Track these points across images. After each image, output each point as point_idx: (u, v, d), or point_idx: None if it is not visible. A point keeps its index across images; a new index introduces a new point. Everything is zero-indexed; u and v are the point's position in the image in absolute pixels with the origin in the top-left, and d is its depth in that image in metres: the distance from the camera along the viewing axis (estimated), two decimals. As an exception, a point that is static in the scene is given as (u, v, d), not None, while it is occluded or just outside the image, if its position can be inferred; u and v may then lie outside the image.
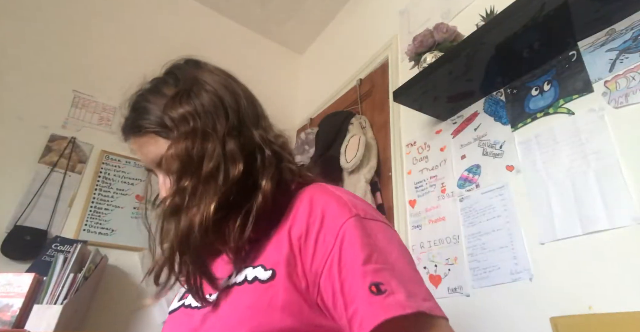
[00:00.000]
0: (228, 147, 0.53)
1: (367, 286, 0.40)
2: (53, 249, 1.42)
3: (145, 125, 0.57)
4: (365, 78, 1.88)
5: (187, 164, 0.52)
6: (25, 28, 1.73)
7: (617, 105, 0.87)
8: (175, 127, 0.54)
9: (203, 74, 0.60)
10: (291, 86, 2.60)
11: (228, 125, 0.55)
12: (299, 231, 0.48)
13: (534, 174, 1.00)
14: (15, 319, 1.14)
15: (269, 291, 0.46)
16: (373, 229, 0.47)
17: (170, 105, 0.56)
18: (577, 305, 0.82)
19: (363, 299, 0.40)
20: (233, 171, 0.52)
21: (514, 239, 0.99)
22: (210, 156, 0.52)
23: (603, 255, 0.81)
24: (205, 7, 2.37)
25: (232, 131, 0.55)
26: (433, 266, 1.19)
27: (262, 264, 0.49)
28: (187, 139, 0.53)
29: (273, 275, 0.47)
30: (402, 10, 1.76)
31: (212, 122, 0.54)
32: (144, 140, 0.58)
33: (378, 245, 0.45)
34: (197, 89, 0.57)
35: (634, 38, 0.88)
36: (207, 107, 0.55)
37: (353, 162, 1.50)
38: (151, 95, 0.59)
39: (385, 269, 0.42)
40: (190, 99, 0.56)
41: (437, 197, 1.26)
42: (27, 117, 1.60)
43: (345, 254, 0.44)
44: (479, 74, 1.13)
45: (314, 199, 0.52)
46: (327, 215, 0.48)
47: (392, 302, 0.38)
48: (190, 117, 0.54)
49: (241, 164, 0.53)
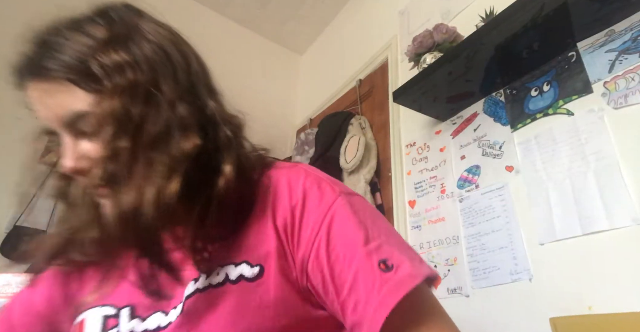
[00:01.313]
0: (178, 112, 0.42)
1: (376, 265, 0.39)
2: (52, 249, 1.42)
3: (56, 68, 0.42)
4: (365, 78, 1.88)
5: (124, 123, 0.40)
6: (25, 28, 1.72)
7: (616, 106, 0.87)
8: (107, 77, 0.41)
9: (145, 22, 0.47)
10: (291, 86, 2.60)
11: (178, 87, 0.44)
12: (284, 218, 0.43)
13: (533, 174, 1.00)
14: (14, 319, 1.14)
15: (258, 290, 0.41)
16: (359, 205, 0.45)
17: (101, 49, 0.42)
18: (576, 305, 0.82)
19: (374, 279, 0.38)
20: (186, 143, 0.42)
21: (514, 239, 0.99)
22: (155, 120, 0.41)
23: (603, 255, 0.81)
24: (205, 7, 2.37)
25: (182, 94, 0.44)
26: (433, 266, 1.19)
27: (246, 260, 0.42)
28: (125, 94, 0.41)
29: (261, 271, 0.41)
30: (401, 11, 1.76)
31: (156, 80, 0.43)
32: (52, 88, 0.42)
33: (368, 220, 0.43)
34: (137, 36, 0.44)
35: (634, 39, 0.88)
36: (150, 60, 0.43)
37: (353, 163, 1.50)
38: (71, 33, 0.43)
39: (383, 243, 0.41)
40: (129, 47, 0.43)
41: (437, 197, 1.26)
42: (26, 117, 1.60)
43: (337, 237, 0.41)
44: (479, 75, 1.13)
45: (291, 182, 0.46)
46: (309, 196, 0.44)
47: (404, 275, 0.38)
48: (129, 68, 0.42)
49: (196, 137, 0.42)
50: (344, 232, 0.41)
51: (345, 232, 0.41)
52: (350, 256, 0.40)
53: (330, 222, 0.42)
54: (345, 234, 0.41)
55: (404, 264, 0.39)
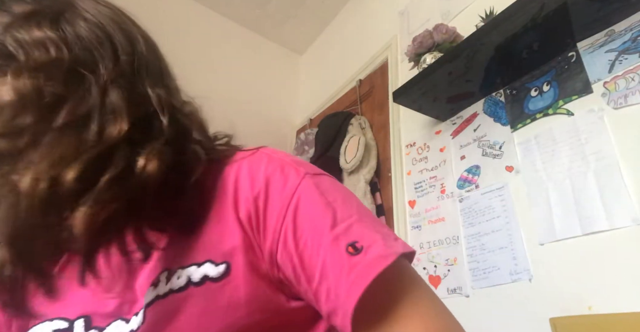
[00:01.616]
0: (110, 97, 0.38)
1: (344, 249, 0.36)
2: (52, 249, 1.42)
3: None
4: (365, 79, 1.88)
5: (31, 101, 0.36)
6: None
7: (616, 106, 0.88)
8: (22, 52, 0.37)
9: (83, 1, 0.43)
10: (291, 87, 2.60)
11: (115, 70, 0.40)
12: (246, 209, 0.40)
13: (533, 174, 1.00)
14: (14, 319, 1.14)
15: (226, 289, 0.37)
16: (327, 184, 0.42)
17: (18, 24, 0.38)
18: (576, 305, 0.82)
19: (343, 264, 0.36)
20: (112, 129, 0.37)
21: (514, 239, 0.99)
22: (78, 102, 0.37)
23: (602, 256, 0.81)
24: (205, 7, 2.37)
25: (118, 79, 0.39)
26: (432, 266, 1.19)
27: (209, 259, 0.39)
28: (41, 70, 0.36)
29: (227, 269, 0.38)
30: (401, 11, 1.76)
31: (89, 60, 0.39)
32: None
33: (337, 200, 0.40)
34: (70, 14, 0.41)
35: (633, 39, 0.88)
36: (84, 39, 0.40)
37: (352, 163, 1.50)
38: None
39: (353, 223, 0.38)
40: (59, 24, 0.39)
41: (437, 197, 1.26)
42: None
43: (303, 223, 0.38)
44: (479, 75, 1.14)
45: (252, 167, 0.42)
46: (272, 183, 0.41)
47: (374, 257, 0.36)
48: (52, 45, 0.38)
49: (125, 123, 0.37)
50: (311, 216, 0.39)
51: (311, 216, 0.39)
52: (317, 241, 0.37)
53: (295, 208, 0.39)
54: (311, 219, 0.39)
55: (375, 244, 0.37)
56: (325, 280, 0.36)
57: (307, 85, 2.54)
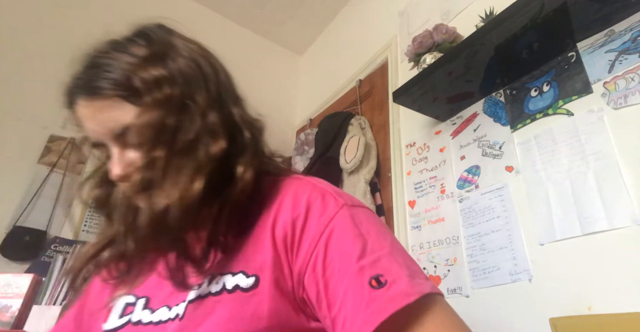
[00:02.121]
0: (209, 121, 0.47)
1: (367, 282, 0.37)
2: (52, 249, 1.42)
3: (108, 86, 0.46)
4: (365, 79, 1.88)
5: (161, 133, 0.45)
6: (25, 28, 1.73)
7: (616, 106, 0.87)
8: (147, 91, 0.46)
9: (178, 40, 0.53)
10: (291, 87, 2.60)
11: (209, 96, 0.49)
12: (283, 229, 0.44)
13: (533, 174, 1.00)
14: (14, 320, 1.14)
15: (253, 300, 0.42)
16: (362, 216, 0.45)
17: (141, 66, 0.47)
18: (576, 306, 0.82)
19: (363, 297, 0.37)
20: (214, 147, 0.46)
21: (514, 239, 0.99)
22: (188, 128, 0.46)
23: (602, 256, 0.81)
24: (205, 7, 2.37)
25: (212, 104, 0.49)
26: (432, 266, 1.19)
27: (243, 270, 0.44)
28: (162, 106, 0.45)
29: (256, 282, 0.43)
30: (401, 11, 1.76)
31: (190, 91, 0.48)
32: (105, 105, 0.47)
33: (371, 232, 0.42)
34: (173, 53, 0.50)
35: (633, 39, 0.88)
36: (185, 73, 0.48)
37: (352, 163, 1.50)
38: (116, 53, 0.48)
39: (382, 257, 0.40)
40: (166, 63, 0.48)
41: (437, 197, 1.26)
42: (26, 118, 1.60)
43: (334, 251, 0.41)
44: (479, 75, 1.13)
45: (297, 193, 0.47)
46: (312, 209, 0.45)
47: (396, 293, 0.36)
48: (166, 82, 0.47)
49: (223, 141, 0.47)
50: (341, 245, 0.41)
51: (342, 245, 0.41)
52: (343, 271, 0.39)
53: (329, 235, 0.42)
54: (341, 248, 0.41)
55: (400, 281, 0.37)
56: (344, 309, 0.38)
57: (307, 85, 2.54)
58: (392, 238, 0.44)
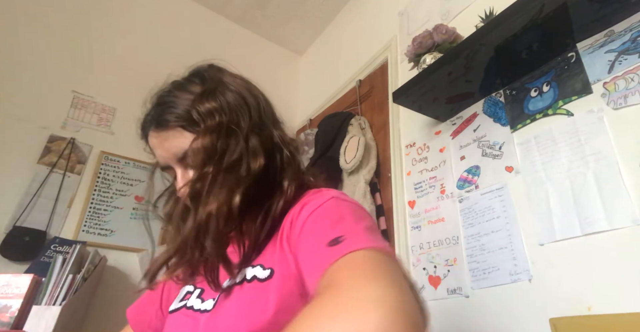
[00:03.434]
0: (251, 143, 0.57)
1: (327, 243, 0.43)
2: (52, 249, 1.42)
3: (172, 119, 0.59)
4: (365, 79, 1.88)
5: (211, 154, 0.55)
6: (25, 29, 1.73)
7: (616, 107, 0.88)
8: (202, 121, 0.57)
9: (226, 76, 0.64)
10: (291, 87, 2.60)
11: (251, 122, 0.59)
12: (287, 227, 0.53)
13: (533, 175, 1.00)
14: (14, 320, 1.14)
15: (267, 289, 0.49)
16: (349, 207, 0.51)
17: (198, 100, 0.58)
18: (576, 306, 0.82)
19: (321, 253, 0.42)
20: (254, 165, 0.55)
21: (513, 240, 0.99)
22: (233, 150, 0.55)
23: (602, 256, 0.81)
24: (205, 8, 2.38)
25: (254, 128, 0.59)
26: (432, 267, 1.19)
27: (261, 264, 0.53)
28: (213, 132, 0.56)
29: (271, 274, 0.50)
30: (401, 12, 1.76)
31: (236, 119, 0.58)
32: (169, 134, 0.59)
33: (351, 216, 0.48)
34: (222, 88, 0.61)
35: (633, 39, 0.88)
36: (231, 104, 0.59)
37: (352, 163, 1.50)
38: (178, 91, 0.61)
39: (352, 231, 0.44)
40: (217, 97, 0.59)
41: (437, 198, 1.26)
42: (26, 118, 1.60)
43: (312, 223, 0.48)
44: (478, 75, 1.14)
45: (307, 198, 0.55)
46: (307, 205, 0.52)
47: (345, 245, 0.41)
48: (217, 113, 0.57)
49: (262, 159, 0.56)
50: (317, 221, 0.48)
51: (317, 221, 0.48)
52: (313, 239, 0.46)
53: (312, 212, 0.50)
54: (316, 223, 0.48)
55: (356, 237, 0.42)
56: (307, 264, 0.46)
57: (307, 85, 2.54)
58: (368, 221, 0.49)
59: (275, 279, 0.49)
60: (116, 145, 1.74)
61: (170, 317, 0.62)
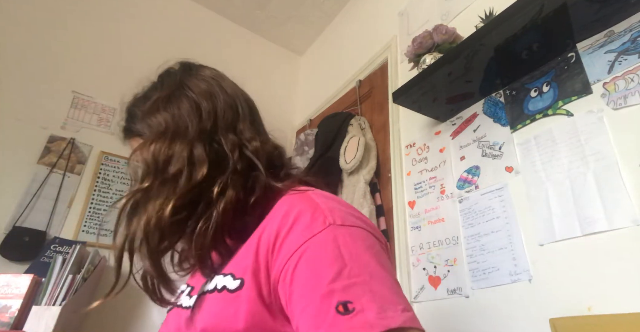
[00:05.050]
0: (195, 151, 0.55)
1: (334, 306, 0.37)
2: (52, 250, 1.42)
3: (132, 129, 0.62)
4: (365, 79, 1.88)
5: (152, 165, 0.54)
6: (25, 29, 1.73)
7: (615, 107, 0.88)
8: (149, 130, 0.58)
9: (190, 79, 0.62)
10: (290, 87, 2.60)
11: (199, 129, 0.57)
12: (268, 238, 0.47)
13: (533, 175, 1.00)
14: (13, 320, 1.14)
15: (236, 301, 0.45)
16: (349, 238, 0.44)
17: (149, 110, 0.60)
18: (576, 306, 0.82)
19: (324, 319, 0.37)
20: (196, 175, 0.53)
21: (513, 240, 0.99)
22: (177, 159, 0.54)
23: (602, 256, 0.81)
24: (205, 8, 2.38)
25: (201, 135, 0.56)
26: (432, 267, 1.19)
27: (232, 273, 0.48)
28: (155, 141, 0.55)
29: (241, 284, 0.46)
30: (401, 12, 1.76)
31: (183, 127, 0.57)
32: (133, 144, 0.63)
33: (353, 255, 0.42)
34: (178, 93, 0.60)
35: (633, 40, 0.88)
36: (182, 111, 0.58)
37: (352, 163, 1.50)
38: (140, 101, 0.63)
39: (357, 284, 0.39)
40: (169, 104, 0.59)
41: (437, 198, 1.26)
42: (26, 118, 1.60)
43: (306, 265, 0.41)
44: (478, 76, 1.14)
45: (291, 205, 0.49)
46: (298, 222, 0.46)
47: (359, 323, 0.35)
48: (164, 121, 0.57)
49: (205, 168, 0.54)
50: (316, 262, 0.41)
51: (316, 263, 0.41)
52: (311, 288, 0.40)
53: (305, 250, 0.43)
54: (315, 265, 0.41)
55: (368, 311, 0.36)
56: (304, 324, 0.39)
57: (306, 85, 2.54)
58: (376, 264, 0.42)
59: (245, 291, 0.45)
60: (116, 145, 1.74)
61: (167, 316, 0.62)
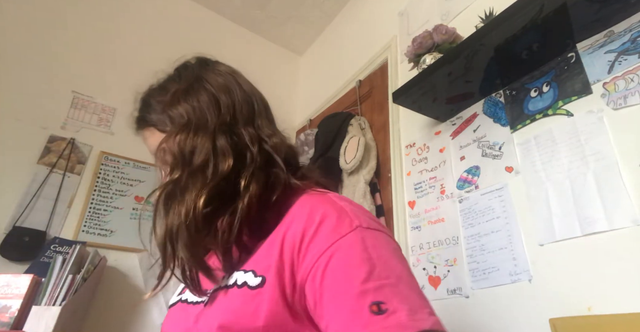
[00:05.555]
0: (218, 143, 0.55)
1: (367, 306, 0.38)
2: (52, 250, 1.42)
3: (148, 120, 0.63)
4: (365, 79, 1.88)
5: (178, 156, 0.55)
6: (25, 29, 1.73)
7: (615, 107, 0.88)
8: (171, 121, 0.59)
9: (207, 73, 0.63)
10: (291, 87, 2.60)
11: (219, 121, 0.57)
12: (293, 237, 0.47)
13: (533, 175, 1.00)
14: (13, 320, 1.14)
15: (256, 299, 0.45)
16: (376, 241, 0.45)
17: (169, 101, 0.60)
18: (576, 306, 0.82)
19: (360, 318, 0.37)
20: (222, 166, 0.53)
21: (513, 240, 0.99)
22: (200, 150, 0.55)
23: (602, 256, 0.81)
24: (205, 8, 2.38)
25: (222, 127, 0.57)
26: (432, 267, 1.19)
27: (253, 270, 0.48)
28: (179, 133, 0.56)
29: (262, 282, 0.46)
30: (401, 12, 1.76)
31: (204, 119, 0.57)
32: (147, 134, 0.63)
33: (381, 258, 0.43)
34: (197, 86, 0.61)
35: (633, 40, 0.88)
36: (202, 104, 0.59)
37: (352, 163, 1.50)
38: (156, 92, 0.64)
39: (386, 285, 0.40)
40: (189, 96, 0.59)
41: (437, 198, 1.26)
42: (26, 118, 1.60)
43: (336, 266, 0.42)
44: (478, 76, 1.14)
45: (315, 206, 0.50)
46: (325, 224, 0.46)
47: (393, 323, 0.36)
48: (185, 113, 0.58)
49: (231, 159, 0.54)
50: (345, 263, 0.42)
51: (346, 264, 0.42)
52: (343, 289, 0.40)
53: (335, 251, 0.43)
54: (345, 266, 0.42)
55: (400, 313, 0.37)
56: (336, 324, 0.39)
57: (306, 85, 2.54)
58: (403, 267, 0.44)
59: (266, 290, 0.45)
60: (116, 145, 1.74)
61: (169, 311, 0.62)
